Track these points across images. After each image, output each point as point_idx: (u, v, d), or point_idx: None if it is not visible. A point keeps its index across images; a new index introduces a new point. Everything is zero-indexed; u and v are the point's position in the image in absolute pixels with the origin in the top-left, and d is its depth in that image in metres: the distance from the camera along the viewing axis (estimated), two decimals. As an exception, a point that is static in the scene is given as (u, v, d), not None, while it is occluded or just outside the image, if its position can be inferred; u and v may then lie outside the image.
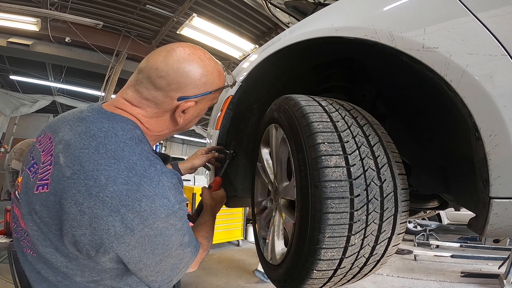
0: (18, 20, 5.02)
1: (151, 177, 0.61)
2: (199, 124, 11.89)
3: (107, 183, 0.58)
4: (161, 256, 0.63)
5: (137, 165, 0.61)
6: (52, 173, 0.61)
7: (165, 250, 0.63)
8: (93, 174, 0.58)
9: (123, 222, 0.57)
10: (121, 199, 0.57)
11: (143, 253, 0.61)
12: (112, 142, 0.62)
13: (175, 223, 0.64)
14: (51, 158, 0.63)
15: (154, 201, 0.60)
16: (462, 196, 0.90)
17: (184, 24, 4.97)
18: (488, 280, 3.87)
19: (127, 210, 0.57)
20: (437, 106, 0.81)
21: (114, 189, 0.57)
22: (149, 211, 0.59)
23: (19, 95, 8.59)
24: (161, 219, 0.60)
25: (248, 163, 1.31)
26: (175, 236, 0.65)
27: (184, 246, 0.69)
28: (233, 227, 5.69)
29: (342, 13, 0.85)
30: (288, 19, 2.11)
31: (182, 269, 0.71)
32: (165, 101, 0.69)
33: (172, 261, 0.67)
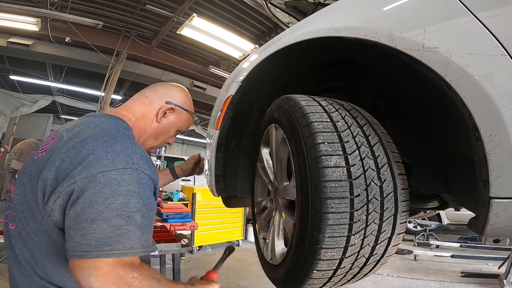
0: (18, 20, 5.02)
1: (125, 142, 0.75)
2: (199, 124, 11.90)
3: (89, 140, 0.71)
4: (95, 214, 0.63)
5: (118, 135, 0.76)
6: (53, 143, 0.76)
7: (104, 207, 0.64)
8: (82, 136, 0.73)
9: (84, 164, 0.67)
10: (94, 150, 0.70)
11: (82, 199, 0.65)
12: (105, 123, 0.79)
13: (130, 183, 0.68)
14: (54, 138, 0.78)
15: (118, 155, 0.70)
16: (462, 196, 0.90)
17: (184, 24, 4.97)
18: (488, 280, 3.87)
19: (94, 157, 0.68)
20: (437, 106, 0.81)
21: (92, 144, 0.71)
22: (110, 160, 0.68)
23: (19, 95, 8.59)
24: (116, 170, 0.68)
25: (248, 163, 1.31)
26: (123, 198, 0.66)
27: (131, 223, 0.66)
28: (233, 227, 5.69)
29: (342, 13, 0.85)
30: (288, 19, 2.11)
31: (115, 251, 0.63)
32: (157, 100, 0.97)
33: (106, 230, 0.63)
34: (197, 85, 7.23)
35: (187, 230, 3.71)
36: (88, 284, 0.62)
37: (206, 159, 1.34)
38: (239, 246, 5.60)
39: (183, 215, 3.81)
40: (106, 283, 0.63)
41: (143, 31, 6.07)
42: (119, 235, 0.64)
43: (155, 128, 0.97)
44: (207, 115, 10.56)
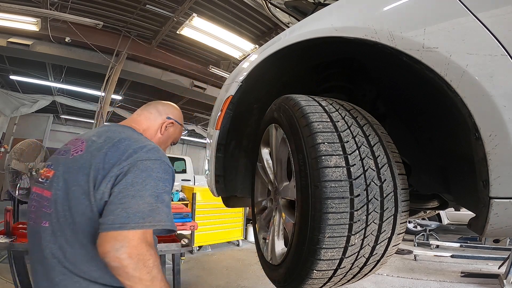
0: (18, 20, 5.01)
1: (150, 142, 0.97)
2: (199, 124, 11.90)
3: (123, 140, 0.90)
4: (135, 192, 0.79)
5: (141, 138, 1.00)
6: (86, 145, 0.90)
7: (141, 187, 0.80)
8: (116, 138, 0.91)
9: (127, 155, 0.86)
10: (130, 146, 0.88)
11: (125, 180, 0.80)
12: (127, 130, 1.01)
13: (159, 171, 0.86)
14: (83, 142, 0.92)
15: (149, 150, 0.90)
16: (462, 196, 0.90)
17: (184, 24, 4.96)
18: (488, 280, 3.87)
19: (132, 151, 0.87)
20: (437, 106, 0.81)
21: (127, 142, 0.90)
22: (144, 153, 0.88)
23: (19, 95, 8.59)
24: (150, 160, 0.87)
25: (248, 163, 1.31)
26: (154, 182, 0.84)
27: (160, 202, 0.82)
28: (233, 227, 5.69)
29: (342, 13, 0.85)
30: (288, 19, 2.11)
31: (148, 223, 0.77)
32: (159, 116, 1.16)
33: (142, 206, 0.78)
34: (197, 85, 7.23)
35: (187, 230, 3.70)
36: (115, 254, 0.72)
37: (206, 159, 1.34)
38: (239, 246, 5.60)
39: (183, 215, 3.80)
40: (131, 256, 0.73)
41: (143, 31, 6.07)
42: (151, 210, 0.79)
43: (158, 139, 1.14)
44: (207, 115, 10.57)
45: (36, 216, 0.88)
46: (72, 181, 0.84)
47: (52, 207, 0.83)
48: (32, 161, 3.80)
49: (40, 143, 4.24)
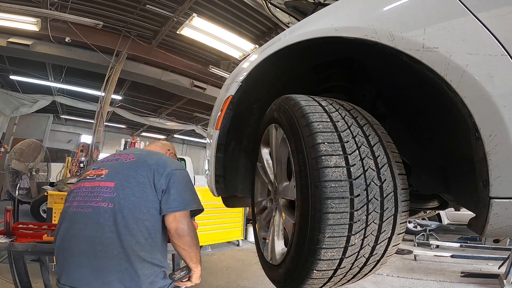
0: (18, 20, 5.02)
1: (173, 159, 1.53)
2: (199, 124, 11.90)
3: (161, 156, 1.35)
4: (184, 187, 1.24)
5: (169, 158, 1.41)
6: (135, 155, 1.29)
7: (186, 184, 1.27)
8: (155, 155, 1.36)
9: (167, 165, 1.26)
10: (167, 161, 1.31)
11: (177, 181, 1.23)
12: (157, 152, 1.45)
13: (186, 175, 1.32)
14: (129, 154, 1.30)
15: (178, 164, 1.36)
16: (462, 196, 0.90)
17: (184, 24, 4.97)
18: (488, 280, 3.87)
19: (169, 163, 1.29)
20: (437, 106, 0.81)
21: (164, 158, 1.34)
22: (178, 165, 1.32)
23: (19, 95, 8.59)
24: (182, 170, 1.31)
25: (248, 163, 1.31)
26: (190, 183, 1.31)
27: (195, 194, 1.29)
28: (233, 227, 5.69)
29: (342, 13, 0.85)
30: (288, 19, 2.11)
31: (194, 205, 1.25)
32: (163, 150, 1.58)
33: (190, 194, 1.25)
34: (197, 85, 7.23)
35: (187, 230, 3.71)
36: (183, 226, 1.17)
37: (206, 159, 1.35)
38: (239, 246, 5.60)
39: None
40: (189, 226, 1.19)
41: (143, 31, 6.08)
42: (194, 199, 1.26)
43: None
44: (207, 115, 10.58)
45: (84, 203, 1.14)
46: (134, 175, 1.18)
47: (115, 192, 1.13)
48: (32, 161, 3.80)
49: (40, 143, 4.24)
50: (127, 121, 11.88)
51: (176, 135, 15.68)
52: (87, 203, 1.13)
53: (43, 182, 3.94)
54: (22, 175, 3.70)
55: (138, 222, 1.10)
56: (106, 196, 1.12)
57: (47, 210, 3.61)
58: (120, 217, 1.09)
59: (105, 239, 1.07)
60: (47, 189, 3.78)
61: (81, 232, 1.09)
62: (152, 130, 14.07)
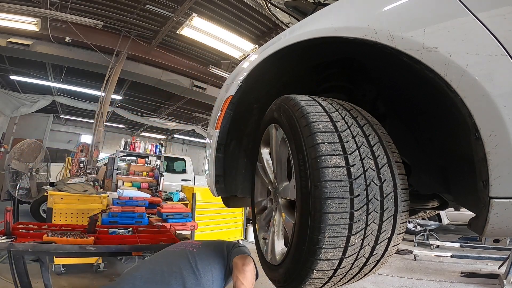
0: (18, 20, 5.02)
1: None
2: (199, 124, 11.90)
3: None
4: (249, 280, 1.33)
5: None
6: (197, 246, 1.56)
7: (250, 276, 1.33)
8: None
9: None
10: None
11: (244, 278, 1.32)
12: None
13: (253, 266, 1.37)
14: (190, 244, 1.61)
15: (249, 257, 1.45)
16: (462, 196, 0.90)
17: (184, 24, 4.97)
18: (488, 280, 3.87)
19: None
20: (437, 106, 0.81)
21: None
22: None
23: (19, 95, 8.59)
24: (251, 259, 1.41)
25: (248, 163, 1.31)
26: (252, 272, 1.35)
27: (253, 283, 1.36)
28: (233, 227, 5.68)
29: (342, 13, 0.85)
30: (288, 19, 2.11)
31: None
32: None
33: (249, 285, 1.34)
34: (197, 85, 7.23)
35: (187, 230, 3.70)
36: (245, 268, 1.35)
37: (206, 159, 1.34)
38: (239, 246, 5.60)
39: (183, 215, 3.80)
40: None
41: (143, 31, 6.08)
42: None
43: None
44: (207, 115, 10.57)
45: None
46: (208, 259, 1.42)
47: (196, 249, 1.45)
48: (32, 161, 3.80)
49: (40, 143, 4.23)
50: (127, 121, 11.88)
51: (176, 135, 15.67)
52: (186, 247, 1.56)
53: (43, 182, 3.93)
54: (22, 175, 3.69)
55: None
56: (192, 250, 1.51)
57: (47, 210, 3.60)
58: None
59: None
60: (47, 189, 3.78)
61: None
62: (152, 130, 14.07)
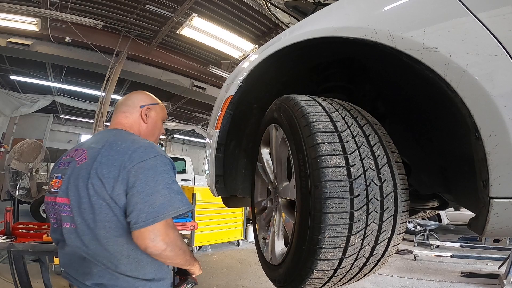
0: (18, 20, 5.02)
1: (143, 140, 1.05)
2: (199, 124, 11.90)
3: (120, 143, 0.99)
4: (151, 189, 0.91)
5: (135, 137, 1.06)
6: (88, 153, 0.99)
7: (154, 184, 0.92)
8: (113, 142, 1.00)
9: (127, 157, 0.94)
10: (129, 148, 0.96)
11: (139, 181, 0.91)
12: (119, 133, 1.08)
13: (161, 165, 0.96)
14: (84, 150, 1.02)
15: (146, 149, 0.98)
16: (462, 196, 0.90)
17: (184, 24, 4.97)
18: (488, 280, 3.87)
19: (131, 152, 0.95)
20: (437, 106, 0.81)
21: (125, 145, 0.98)
22: (143, 154, 0.96)
23: (19, 95, 8.59)
24: (150, 158, 0.95)
25: (248, 163, 1.31)
26: (162, 176, 0.94)
27: (172, 191, 0.93)
28: (233, 227, 5.69)
29: (342, 13, 0.85)
30: (288, 19, 2.11)
31: (171, 212, 0.91)
32: (134, 110, 1.18)
33: (161, 199, 0.91)
34: (197, 85, 7.23)
35: (187, 230, 3.70)
36: (155, 244, 0.88)
37: (206, 159, 1.34)
38: (239, 246, 5.60)
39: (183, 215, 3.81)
40: (165, 241, 0.90)
41: (143, 31, 6.07)
42: (169, 200, 0.91)
43: (146, 128, 1.20)
44: (207, 115, 10.57)
45: (57, 220, 1.00)
46: (85, 187, 0.93)
47: (72, 212, 0.94)
48: (32, 161, 3.80)
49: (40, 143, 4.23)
50: (127, 121, 11.85)
51: (176, 135, 15.67)
52: (59, 222, 0.98)
53: (43, 182, 3.93)
54: (22, 175, 3.69)
55: (109, 242, 0.92)
56: (66, 215, 0.95)
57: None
58: (87, 238, 0.92)
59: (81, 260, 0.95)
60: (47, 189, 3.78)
61: (63, 249, 0.99)
62: (152, 130, 14.06)
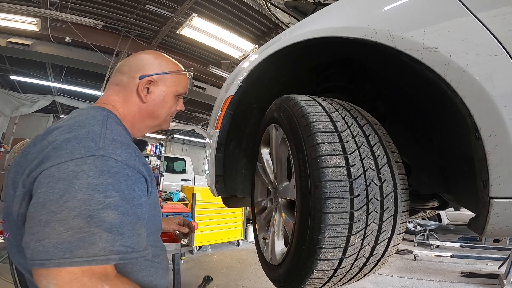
0: (18, 20, 5.01)
1: (95, 127, 0.64)
2: (199, 124, 11.90)
3: (54, 131, 0.64)
4: (51, 214, 0.52)
5: (90, 122, 0.66)
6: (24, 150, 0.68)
7: (59, 206, 0.53)
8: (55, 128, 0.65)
9: (41, 156, 0.59)
10: (55, 141, 0.60)
11: (36, 198, 0.55)
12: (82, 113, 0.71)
13: (91, 174, 0.55)
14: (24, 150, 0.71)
15: (80, 142, 0.59)
16: (462, 196, 0.90)
17: (184, 24, 4.97)
18: (488, 280, 3.87)
19: (52, 148, 0.59)
20: (437, 106, 0.81)
21: (56, 134, 0.62)
22: (68, 149, 0.58)
23: (19, 95, 8.58)
24: (74, 160, 0.56)
25: (248, 163, 1.31)
26: (83, 193, 0.54)
27: (95, 224, 0.53)
28: (233, 227, 5.69)
29: (342, 13, 0.85)
30: (288, 19, 2.11)
31: (77, 259, 0.52)
32: (129, 81, 0.81)
33: (65, 234, 0.52)
34: (197, 85, 7.23)
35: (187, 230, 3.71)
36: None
37: (206, 159, 1.34)
38: (239, 246, 5.60)
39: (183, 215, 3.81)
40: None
41: (143, 31, 6.07)
42: (81, 239, 0.53)
43: (145, 109, 0.83)
44: (207, 115, 10.56)
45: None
46: (7, 194, 0.65)
47: (5, 218, 0.67)
48: (32, 161, 3.80)
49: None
50: (127, 121, 11.85)
51: (176, 135, 15.68)
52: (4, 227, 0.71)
53: (43, 182, 3.94)
54: (22, 175, 3.69)
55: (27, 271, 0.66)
56: (4, 222, 0.68)
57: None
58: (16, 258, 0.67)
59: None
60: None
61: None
62: (152, 130, 14.07)
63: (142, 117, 0.84)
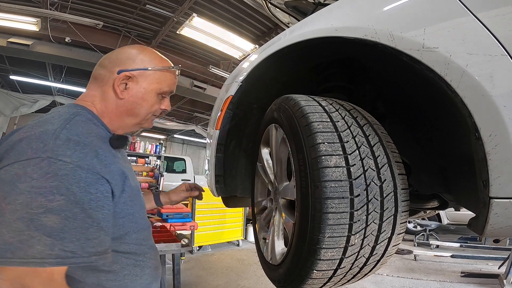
0: (18, 20, 5.01)
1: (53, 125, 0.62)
2: (199, 124, 11.90)
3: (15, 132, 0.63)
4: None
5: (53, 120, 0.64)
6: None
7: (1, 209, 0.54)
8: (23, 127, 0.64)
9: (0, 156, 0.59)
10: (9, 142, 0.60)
11: None
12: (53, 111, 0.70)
13: (34, 176, 0.55)
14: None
15: (31, 142, 0.58)
16: (462, 196, 0.90)
17: (184, 24, 4.97)
18: (488, 280, 3.87)
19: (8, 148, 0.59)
20: (437, 106, 0.81)
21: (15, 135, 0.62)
22: (18, 150, 0.58)
23: (19, 95, 8.58)
24: (19, 162, 0.56)
25: (248, 163, 1.31)
26: (25, 197, 0.54)
27: (35, 227, 0.54)
28: (233, 227, 5.69)
29: (342, 13, 0.85)
30: (288, 19, 2.11)
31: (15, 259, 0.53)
32: (108, 76, 0.78)
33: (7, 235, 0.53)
34: (197, 85, 7.23)
35: (187, 230, 3.70)
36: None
37: (206, 159, 1.34)
38: (239, 246, 5.60)
39: (183, 215, 3.81)
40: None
41: (143, 31, 6.07)
42: (21, 241, 0.53)
43: (122, 105, 0.79)
44: (207, 115, 10.57)
45: None
46: None
47: None
48: (32, 161, 3.80)
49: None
50: (127, 121, 11.84)
51: (176, 135, 15.68)
52: None
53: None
54: (22, 175, 3.69)
55: None
56: None
57: (47, 210, 3.59)
58: None
59: None
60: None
61: None
62: (152, 130, 14.07)
63: (120, 114, 0.80)
